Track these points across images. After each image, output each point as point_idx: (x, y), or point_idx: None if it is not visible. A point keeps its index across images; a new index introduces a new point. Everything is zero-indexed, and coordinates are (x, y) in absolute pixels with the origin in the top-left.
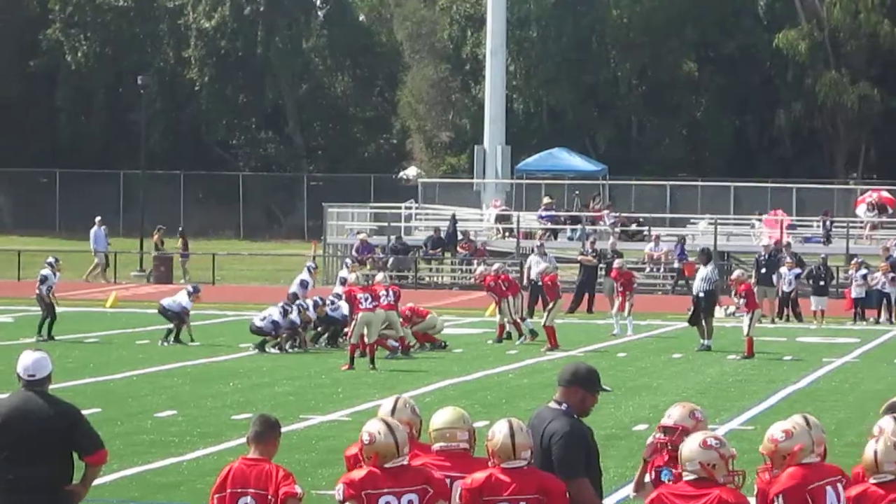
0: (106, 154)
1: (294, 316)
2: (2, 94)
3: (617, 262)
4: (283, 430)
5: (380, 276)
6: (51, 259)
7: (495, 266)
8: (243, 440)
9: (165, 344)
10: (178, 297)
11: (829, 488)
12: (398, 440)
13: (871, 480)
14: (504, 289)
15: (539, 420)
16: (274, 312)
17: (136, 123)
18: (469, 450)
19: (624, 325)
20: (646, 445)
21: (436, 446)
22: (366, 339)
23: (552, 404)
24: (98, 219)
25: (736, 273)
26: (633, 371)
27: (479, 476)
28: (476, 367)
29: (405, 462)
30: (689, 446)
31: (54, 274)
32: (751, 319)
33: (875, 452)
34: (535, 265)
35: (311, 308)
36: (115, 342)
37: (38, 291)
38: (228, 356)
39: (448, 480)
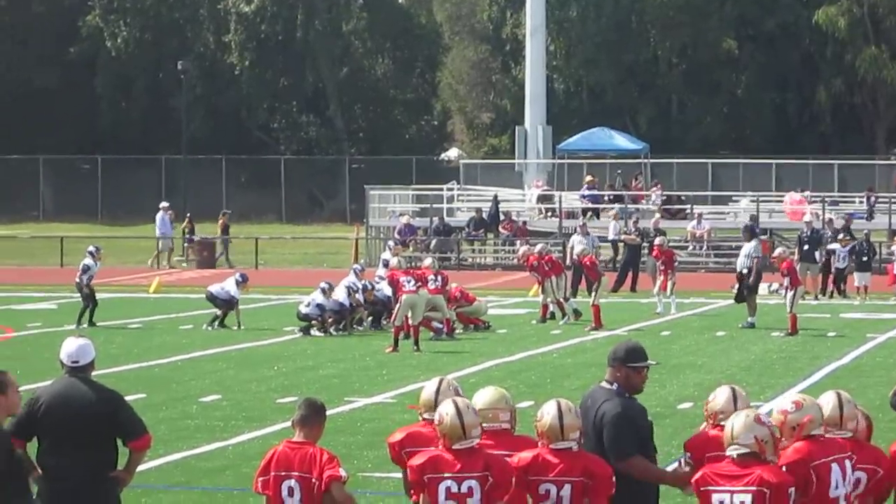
0: (147, 140)
1: (343, 297)
2: (42, 81)
3: (658, 240)
4: (330, 413)
5: (428, 261)
6: (92, 248)
7: (538, 246)
8: (288, 424)
9: (210, 329)
10: (227, 286)
11: (834, 465)
12: (465, 422)
13: None
14: (547, 269)
15: (592, 401)
16: (317, 296)
17: (176, 109)
18: (511, 430)
19: (667, 303)
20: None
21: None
22: (410, 321)
23: (604, 384)
24: (164, 205)
25: (778, 250)
26: (678, 349)
27: (527, 455)
28: (520, 348)
29: (474, 444)
30: (742, 422)
31: (95, 263)
32: (794, 296)
33: None
34: (578, 245)
35: (360, 291)
36: (159, 327)
37: (77, 280)
38: (272, 340)
39: None
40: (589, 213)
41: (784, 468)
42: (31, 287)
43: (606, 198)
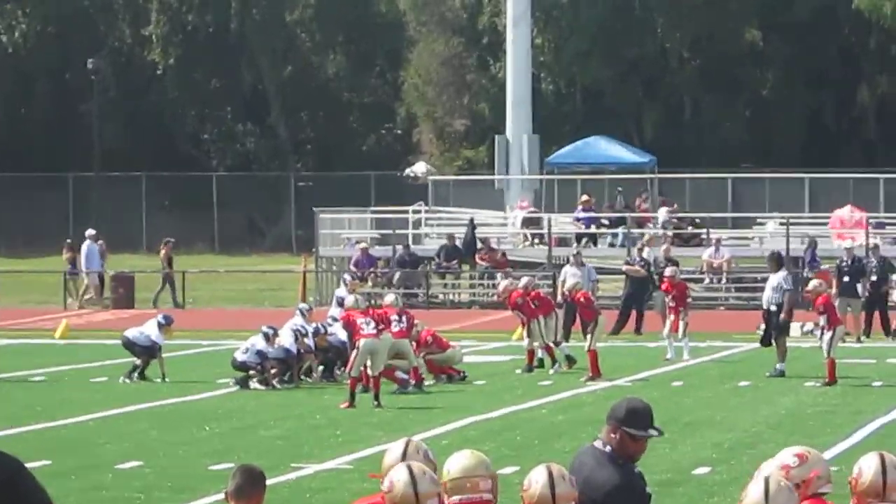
0: (51, 153)
1: (289, 343)
2: None
3: (668, 271)
4: (273, 481)
5: (390, 298)
6: None
7: (523, 280)
8: (222, 496)
9: (128, 381)
10: (147, 329)
11: None
12: (419, 492)
13: None
14: (534, 308)
15: (580, 463)
16: (258, 342)
17: (86, 116)
18: (493, 501)
19: (679, 347)
20: None
21: (453, 499)
22: (369, 372)
23: (597, 443)
24: (91, 232)
25: (813, 283)
26: (692, 403)
27: None
28: (502, 402)
29: None
30: (774, 489)
31: None
32: (832, 338)
33: None
34: (571, 278)
35: (309, 335)
36: (67, 380)
37: None
38: (203, 394)
39: None
40: (584, 240)
41: None
42: None
43: (605, 221)
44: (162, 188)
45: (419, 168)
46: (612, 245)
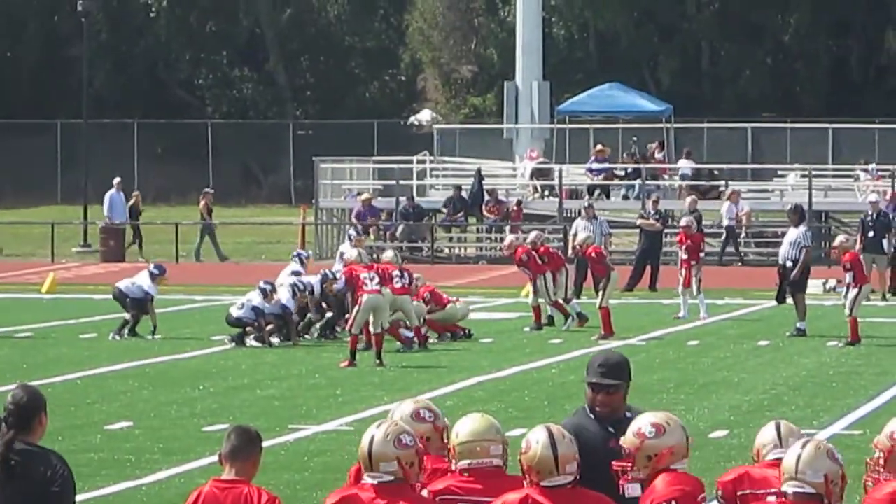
0: (39, 99)
1: (287, 298)
2: None
3: (685, 221)
4: (270, 443)
5: (389, 255)
6: None
7: (532, 235)
8: (216, 458)
9: (118, 338)
10: (139, 280)
11: None
12: (559, 454)
13: None
14: (541, 263)
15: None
16: (254, 297)
17: (76, 60)
18: (503, 466)
19: (694, 305)
20: None
21: (461, 463)
22: (371, 329)
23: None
24: (117, 181)
25: (839, 238)
26: (709, 363)
27: (513, 498)
28: (510, 361)
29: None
30: (810, 453)
31: None
32: (856, 296)
33: None
34: (582, 232)
35: (315, 286)
36: (54, 336)
37: None
38: (197, 352)
39: None
40: (597, 192)
41: None
42: None
43: (619, 172)
44: (154, 136)
45: (424, 116)
46: (625, 197)
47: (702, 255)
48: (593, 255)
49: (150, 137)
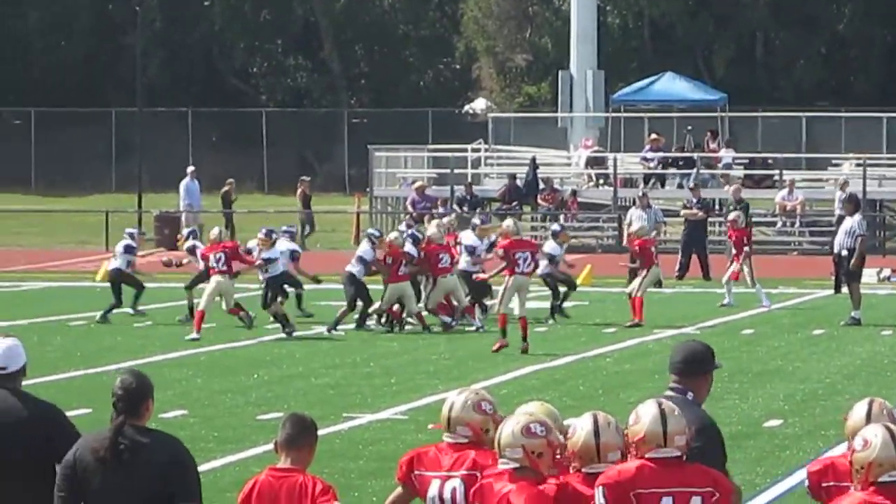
0: (93, 89)
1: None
2: None
3: (732, 215)
4: (324, 432)
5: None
6: None
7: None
8: (272, 447)
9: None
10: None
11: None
12: (601, 442)
13: None
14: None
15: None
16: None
17: (130, 49)
18: (560, 455)
19: (752, 294)
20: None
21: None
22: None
23: (669, 391)
24: (191, 170)
25: None
26: (763, 352)
27: (552, 486)
28: (565, 350)
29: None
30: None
31: None
32: None
33: None
34: (637, 221)
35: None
36: (108, 325)
37: None
38: (251, 340)
39: None
40: (652, 181)
41: (602, 489)
42: None
43: (674, 161)
44: (209, 125)
45: (478, 105)
46: (680, 186)
47: (746, 248)
48: (641, 247)
49: (204, 126)
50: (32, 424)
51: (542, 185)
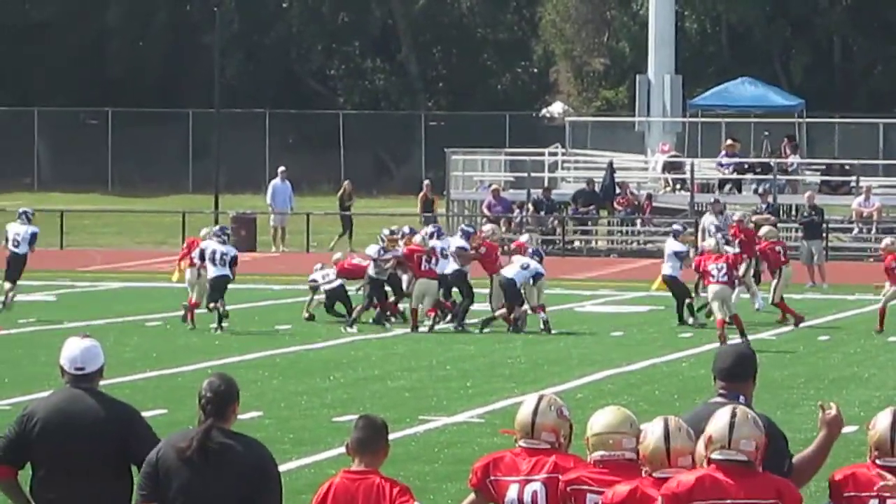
0: (170, 89)
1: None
2: (38, 14)
3: (737, 214)
4: (399, 434)
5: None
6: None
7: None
8: (344, 449)
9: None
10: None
11: None
12: (672, 447)
13: None
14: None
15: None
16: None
17: (208, 50)
18: (636, 460)
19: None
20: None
21: (595, 455)
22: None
23: (720, 396)
24: (281, 170)
25: (886, 241)
26: (839, 359)
27: (622, 490)
28: (640, 355)
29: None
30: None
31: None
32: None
33: None
34: (711, 227)
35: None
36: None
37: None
38: (328, 342)
39: None
40: (728, 186)
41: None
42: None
43: (750, 167)
44: (286, 126)
45: (556, 108)
46: (756, 192)
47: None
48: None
49: (281, 128)
50: (109, 425)
51: (618, 190)
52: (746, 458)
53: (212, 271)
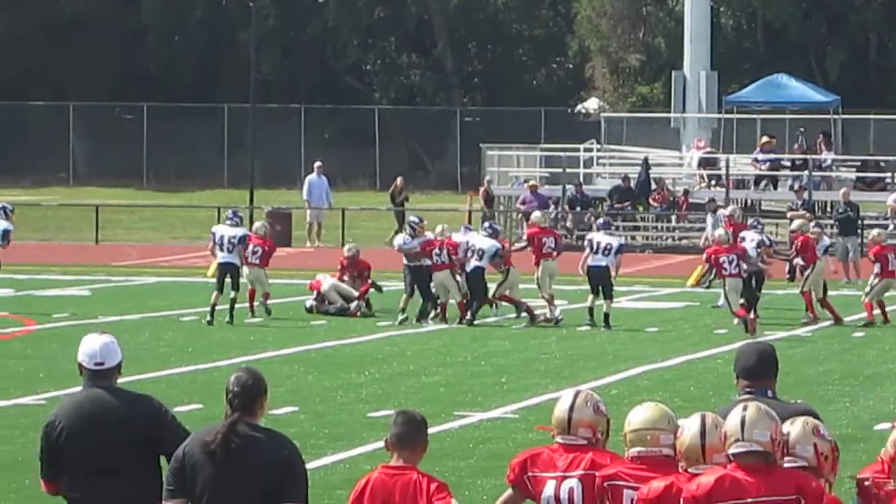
0: (206, 84)
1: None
2: (74, 9)
3: (729, 209)
4: (435, 430)
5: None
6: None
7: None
8: (382, 444)
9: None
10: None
11: None
12: (707, 443)
13: None
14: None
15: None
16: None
17: (243, 45)
18: (674, 456)
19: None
20: None
21: (632, 451)
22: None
23: (747, 394)
24: (318, 165)
25: (873, 232)
26: (874, 355)
27: (658, 486)
28: (675, 351)
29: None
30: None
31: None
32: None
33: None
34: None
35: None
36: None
37: None
38: (363, 337)
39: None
40: (764, 182)
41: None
42: (57, 268)
43: (786, 163)
44: (321, 121)
45: (591, 104)
46: (792, 188)
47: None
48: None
49: (317, 123)
50: (134, 422)
51: (654, 186)
52: (762, 448)
53: (220, 257)
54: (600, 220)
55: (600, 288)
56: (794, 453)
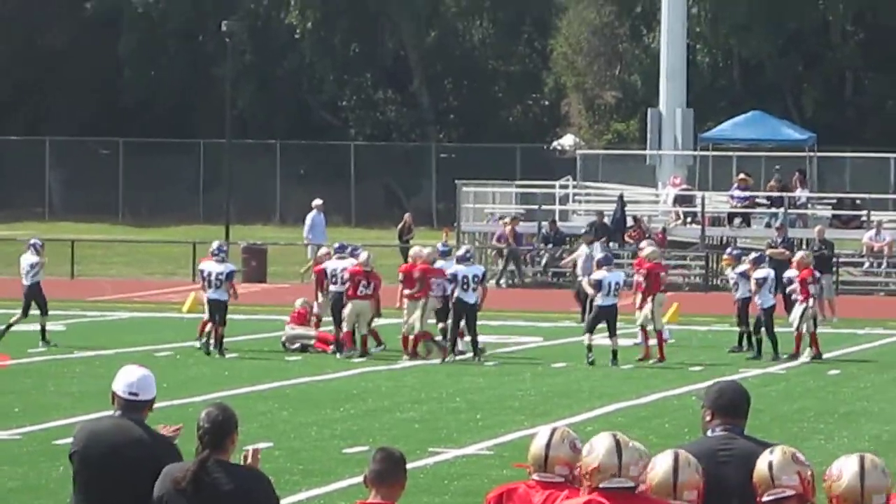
0: (182, 119)
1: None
2: (51, 43)
3: (643, 245)
4: (410, 466)
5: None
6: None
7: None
8: (357, 479)
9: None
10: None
11: None
12: (678, 481)
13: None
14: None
15: (752, 453)
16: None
17: (219, 81)
18: (637, 487)
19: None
20: None
21: (602, 483)
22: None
23: (723, 431)
24: (317, 203)
25: (799, 254)
26: (849, 393)
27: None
28: (650, 388)
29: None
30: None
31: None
32: (803, 312)
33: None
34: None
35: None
36: (195, 356)
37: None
38: (338, 374)
39: None
40: (738, 220)
41: None
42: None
43: (761, 201)
44: (297, 157)
45: (567, 141)
46: (768, 226)
47: (662, 286)
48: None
49: (292, 158)
50: (146, 462)
51: (630, 222)
52: (633, 483)
53: (209, 293)
54: (601, 256)
55: (607, 323)
56: (780, 484)
